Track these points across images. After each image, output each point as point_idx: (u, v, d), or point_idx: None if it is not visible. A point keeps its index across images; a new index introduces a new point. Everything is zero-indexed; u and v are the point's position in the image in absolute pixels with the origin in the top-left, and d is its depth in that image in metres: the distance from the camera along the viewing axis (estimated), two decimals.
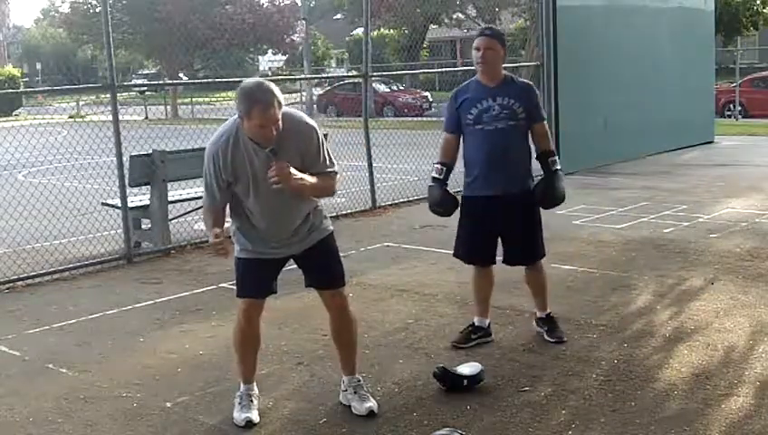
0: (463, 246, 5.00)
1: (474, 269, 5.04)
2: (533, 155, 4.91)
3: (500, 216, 4.82)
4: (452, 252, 5.12)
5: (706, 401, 4.05)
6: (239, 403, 4.06)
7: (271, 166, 3.66)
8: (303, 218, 3.94)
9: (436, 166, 4.95)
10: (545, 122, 4.89)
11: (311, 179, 3.76)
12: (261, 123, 3.61)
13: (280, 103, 3.65)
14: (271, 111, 3.60)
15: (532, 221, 4.87)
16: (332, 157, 3.92)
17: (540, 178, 4.86)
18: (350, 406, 4.09)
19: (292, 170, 3.68)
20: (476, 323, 5.01)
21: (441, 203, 4.98)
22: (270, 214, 3.86)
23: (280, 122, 3.65)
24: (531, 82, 4.95)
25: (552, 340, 4.92)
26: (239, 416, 4.00)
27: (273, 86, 3.69)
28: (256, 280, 4.00)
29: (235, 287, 4.12)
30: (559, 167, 4.83)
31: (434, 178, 4.95)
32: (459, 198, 4.97)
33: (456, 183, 5.07)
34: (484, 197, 4.83)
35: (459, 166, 5.02)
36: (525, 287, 6.12)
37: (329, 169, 3.89)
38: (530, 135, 4.85)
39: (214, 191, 3.87)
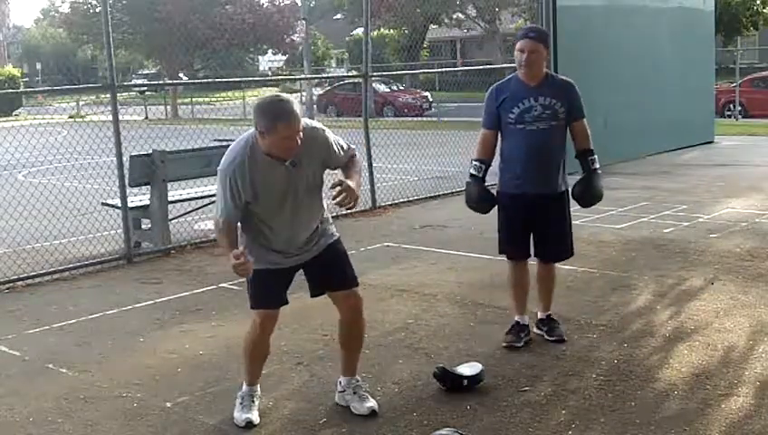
0: (506, 243, 5.01)
1: (510, 266, 5.03)
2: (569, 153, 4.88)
3: (535, 213, 4.81)
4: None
5: (706, 401, 4.05)
6: (240, 403, 4.06)
7: (337, 187, 3.66)
8: (316, 227, 3.95)
9: (474, 163, 4.90)
10: (585, 120, 4.84)
11: (353, 181, 3.79)
12: (287, 135, 3.58)
13: (300, 112, 3.65)
14: (295, 123, 3.60)
15: (564, 220, 4.87)
16: (341, 140, 3.94)
17: (580, 176, 4.84)
18: (348, 406, 4.09)
19: (350, 183, 3.71)
20: (521, 322, 4.97)
21: (479, 200, 4.97)
22: (291, 226, 3.84)
23: (301, 133, 3.65)
24: (571, 80, 4.87)
25: (552, 338, 4.91)
26: (240, 416, 4.00)
27: (290, 97, 3.72)
28: (272, 291, 3.96)
29: (234, 287, 4.12)
30: (598, 166, 4.82)
31: (471, 175, 4.91)
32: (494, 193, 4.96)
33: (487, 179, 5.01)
34: (520, 194, 4.81)
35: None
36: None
37: (350, 154, 3.95)
38: (568, 132, 4.82)
39: (230, 212, 3.75)
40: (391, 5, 27.19)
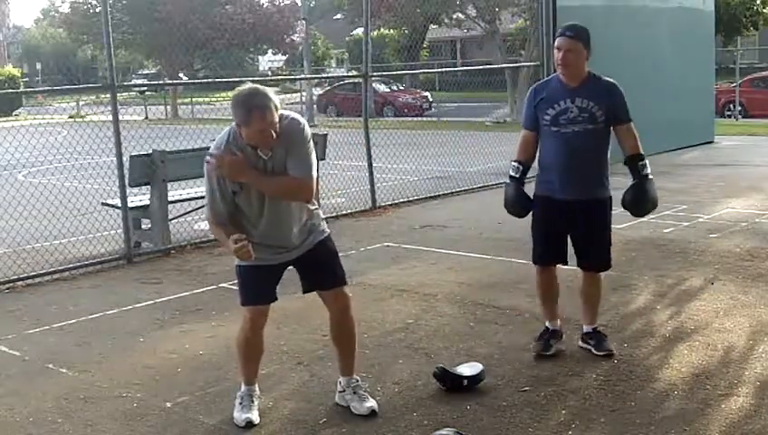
0: (536, 249, 4.80)
1: (537, 272, 4.85)
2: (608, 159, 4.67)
3: (570, 219, 4.61)
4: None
5: (706, 401, 4.05)
6: (240, 403, 4.06)
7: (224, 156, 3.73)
8: (303, 222, 3.94)
9: (513, 163, 4.74)
10: (631, 122, 4.59)
11: (270, 179, 3.74)
12: (261, 128, 3.62)
13: (276, 106, 3.66)
14: (268, 115, 3.62)
15: (602, 229, 4.65)
16: (311, 165, 3.78)
17: (630, 183, 4.59)
18: (348, 406, 4.09)
19: (238, 163, 3.70)
20: (551, 328, 4.82)
21: (515, 203, 4.76)
22: (270, 219, 3.85)
23: (277, 125, 3.66)
24: (615, 82, 4.62)
25: (600, 353, 4.65)
26: (239, 416, 4.00)
27: (267, 90, 3.70)
28: (261, 287, 3.98)
29: (234, 288, 4.12)
30: (649, 171, 4.54)
31: (510, 177, 4.74)
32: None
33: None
34: (554, 199, 4.61)
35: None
36: (527, 288, 6.15)
37: (299, 174, 3.75)
38: (615, 136, 4.60)
39: (218, 204, 3.81)
40: (391, 5, 27.15)
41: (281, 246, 3.92)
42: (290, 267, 4.09)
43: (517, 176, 4.70)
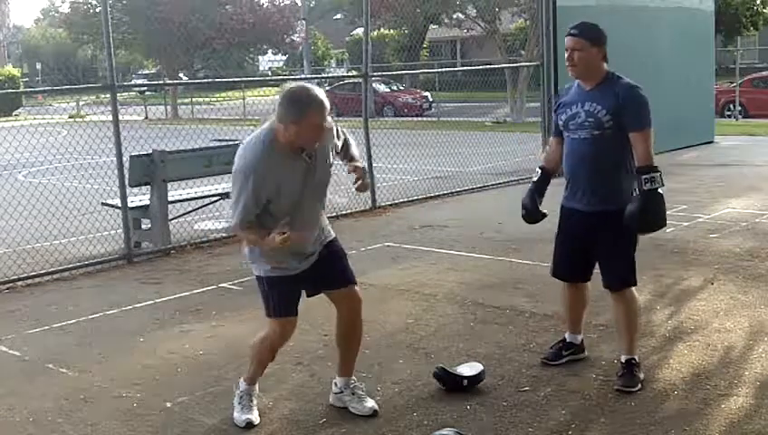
0: (553, 260, 4.59)
1: (561, 284, 4.63)
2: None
3: (584, 232, 4.35)
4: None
5: (706, 400, 4.05)
6: (239, 403, 4.05)
7: (355, 173, 3.90)
8: (320, 228, 3.95)
9: (536, 169, 4.61)
10: (645, 130, 4.16)
11: (360, 161, 4.03)
12: (317, 123, 3.60)
13: (327, 105, 3.67)
14: (325, 111, 3.61)
15: (614, 244, 4.31)
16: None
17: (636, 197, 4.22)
18: (345, 407, 4.08)
19: (358, 165, 3.94)
20: (568, 339, 4.65)
21: (523, 207, 4.53)
22: (308, 223, 3.83)
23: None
24: (634, 84, 4.28)
25: (616, 386, 4.24)
26: (240, 417, 3.99)
27: (319, 89, 3.72)
28: (293, 297, 3.92)
29: (234, 288, 4.11)
30: (655, 186, 4.09)
31: (532, 182, 4.57)
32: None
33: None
34: (570, 209, 4.40)
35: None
36: (527, 288, 6.16)
37: (346, 138, 4.05)
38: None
39: (249, 211, 3.68)
40: (391, 5, 27.15)
41: (303, 252, 3.87)
42: None
43: (535, 181, 4.52)
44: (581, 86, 4.34)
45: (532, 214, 4.50)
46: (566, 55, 4.31)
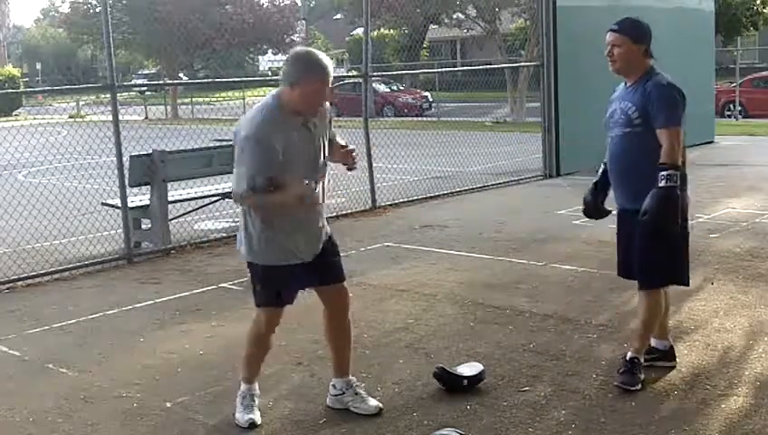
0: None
1: None
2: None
3: (624, 230, 4.34)
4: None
5: (706, 400, 4.05)
6: (241, 404, 4.04)
7: (347, 153, 3.85)
8: (324, 221, 3.95)
9: (601, 164, 4.52)
10: (671, 129, 4.07)
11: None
12: (319, 87, 3.60)
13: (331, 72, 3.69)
14: (329, 76, 3.63)
15: (643, 242, 4.19)
16: None
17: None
18: (345, 408, 4.08)
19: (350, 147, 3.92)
20: (651, 344, 4.49)
21: (584, 202, 4.55)
22: (313, 203, 3.78)
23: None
24: (666, 82, 4.22)
25: (615, 382, 4.25)
26: (242, 417, 3.99)
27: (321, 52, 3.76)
28: (290, 288, 3.91)
29: (234, 288, 4.11)
30: (671, 184, 4.01)
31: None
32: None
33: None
34: (618, 208, 4.39)
35: None
36: (527, 288, 6.16)
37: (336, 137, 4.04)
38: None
39: (257, 180, 3.58)
40: (391, 5, 27.18)
41: (313, 236, 3.86)
42: None
43: (596, 179, 4.51)
44: (626, 83, 4.33)
45: (590, 209, 4.52)
46: (606, 51, 4.29)
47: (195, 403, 4.29)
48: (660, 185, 4.02)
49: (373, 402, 4.05)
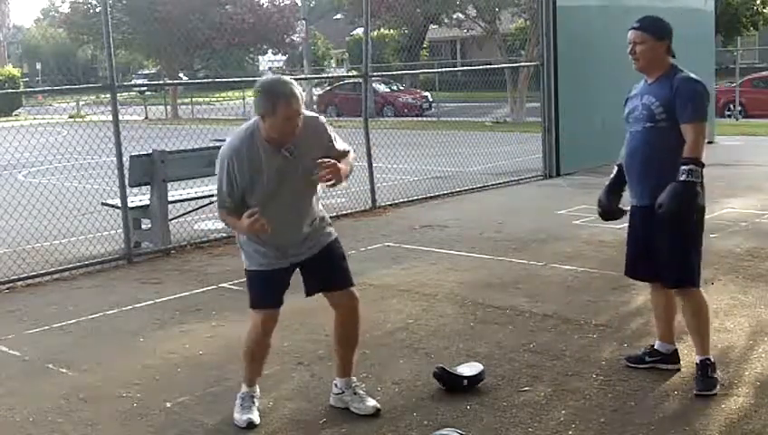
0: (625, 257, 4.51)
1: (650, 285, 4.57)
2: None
3: (641, 228, 4.28)
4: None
5: (706, 400, 4.05)
6: (241, 404, 4.05)
7: (321, 164, 3.68)
8: (311, 224, 3.94)
9: (615, 165, 4.52)
10: (696, 124, 4.06)
11: (341, 164, 3.82)
12: (288, 115, 3.60)
13: (301, 95, 3.66)
14: (295, 103, 3.61)
15: (667, 239, 4.15)
16: (339, 138, 4.00)
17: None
18: (346, 407, 4.08)
19: (339, 165, 3.76)
20: (654, 346, 4.52)
21: (599, 204, 4.50)
22: (286, 218, 3.82)
23: (301, 117, 3.67)
24: (692, 77, 4.21)
25: (694, 391, 4.13)
26: (240, 417, 3.99)
27: (291, 79, 3.73)
28: (274, 290, 3.95)
29: (234, 288, 4.12)
30: (692, 179, 4.00)
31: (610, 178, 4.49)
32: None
33: None
34: (632, 206, 4.35)
35: None
36: (527, 288, 6.16)
37: (345, 150, 3.96)
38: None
39: (224, 198, 3.79)
40: (391, 5, 27.18)
41: (289, 247, 3.90)
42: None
43: (611, 177, 4.45)
44: (646, 80, 4.31)
45: (606, 210, 4.47)
46: (629, 48, 4.28)
47: (195, 403, 4.29)
48: (681, 179, 3.99)
49: (371, 403, 4.05)
